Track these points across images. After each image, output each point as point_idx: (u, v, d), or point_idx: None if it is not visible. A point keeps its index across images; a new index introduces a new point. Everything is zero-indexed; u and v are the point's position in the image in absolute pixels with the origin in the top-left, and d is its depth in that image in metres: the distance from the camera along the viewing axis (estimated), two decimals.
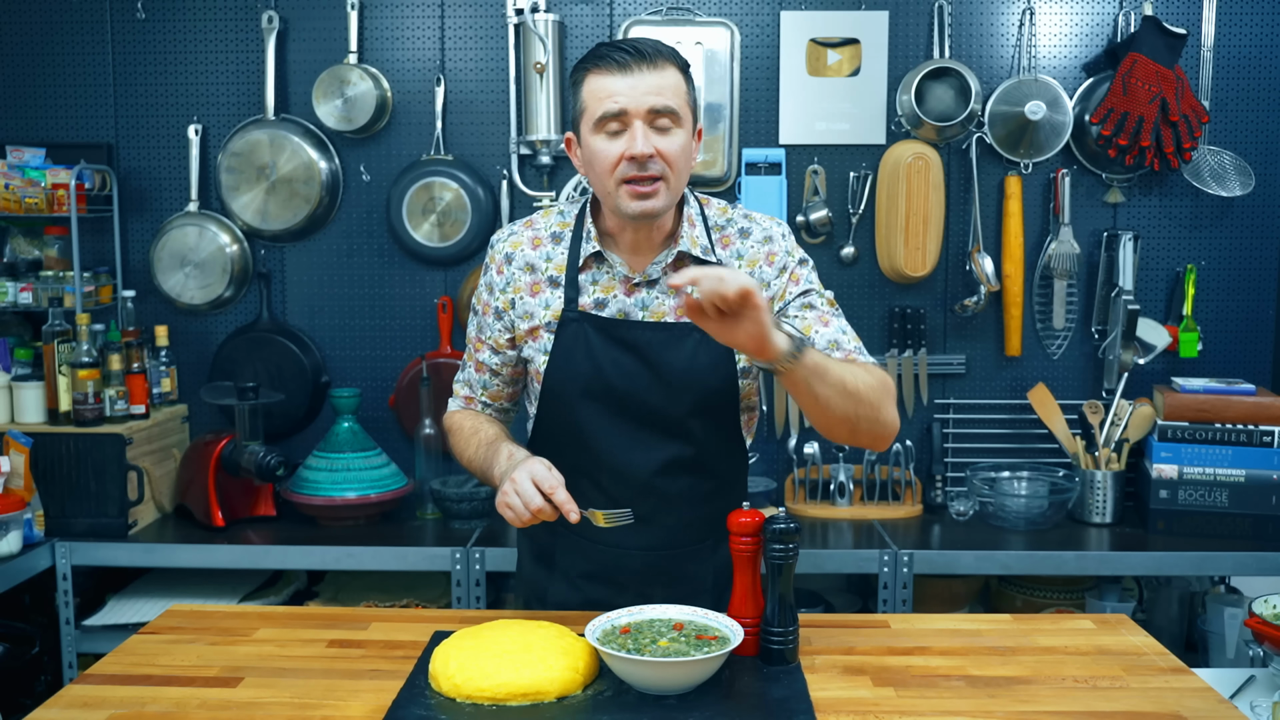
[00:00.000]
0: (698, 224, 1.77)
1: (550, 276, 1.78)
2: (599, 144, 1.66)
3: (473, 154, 3.07)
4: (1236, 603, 2.80)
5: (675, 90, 1.65)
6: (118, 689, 1.52)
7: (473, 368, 1.89)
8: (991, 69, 3.02)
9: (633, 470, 1.76)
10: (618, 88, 1.63)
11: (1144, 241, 3.06)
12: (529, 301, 1.78)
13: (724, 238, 1.78)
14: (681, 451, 1.76)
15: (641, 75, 1.63)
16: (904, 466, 2.99)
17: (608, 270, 1.76)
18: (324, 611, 1.91)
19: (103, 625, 2.74)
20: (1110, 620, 1.79)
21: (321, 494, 2.85)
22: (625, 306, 1.75)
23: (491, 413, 1.91)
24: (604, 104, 1.63)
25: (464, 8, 3.04)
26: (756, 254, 1.77)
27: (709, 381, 1.74)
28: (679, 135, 1.65)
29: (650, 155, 1.63)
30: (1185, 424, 2.81)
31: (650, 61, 1.63)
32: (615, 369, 1.73)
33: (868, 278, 3.08)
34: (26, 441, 2.69)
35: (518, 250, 1.81)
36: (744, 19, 3.02)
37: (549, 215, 1.83)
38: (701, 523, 1.81)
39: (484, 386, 1.89)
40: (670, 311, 1.74)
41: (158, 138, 3.11)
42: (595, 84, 1.65)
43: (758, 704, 1.46)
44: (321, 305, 3.14)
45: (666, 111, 1.63)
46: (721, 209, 1.82)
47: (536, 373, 1.79)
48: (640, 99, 1.62)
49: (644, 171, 1.64)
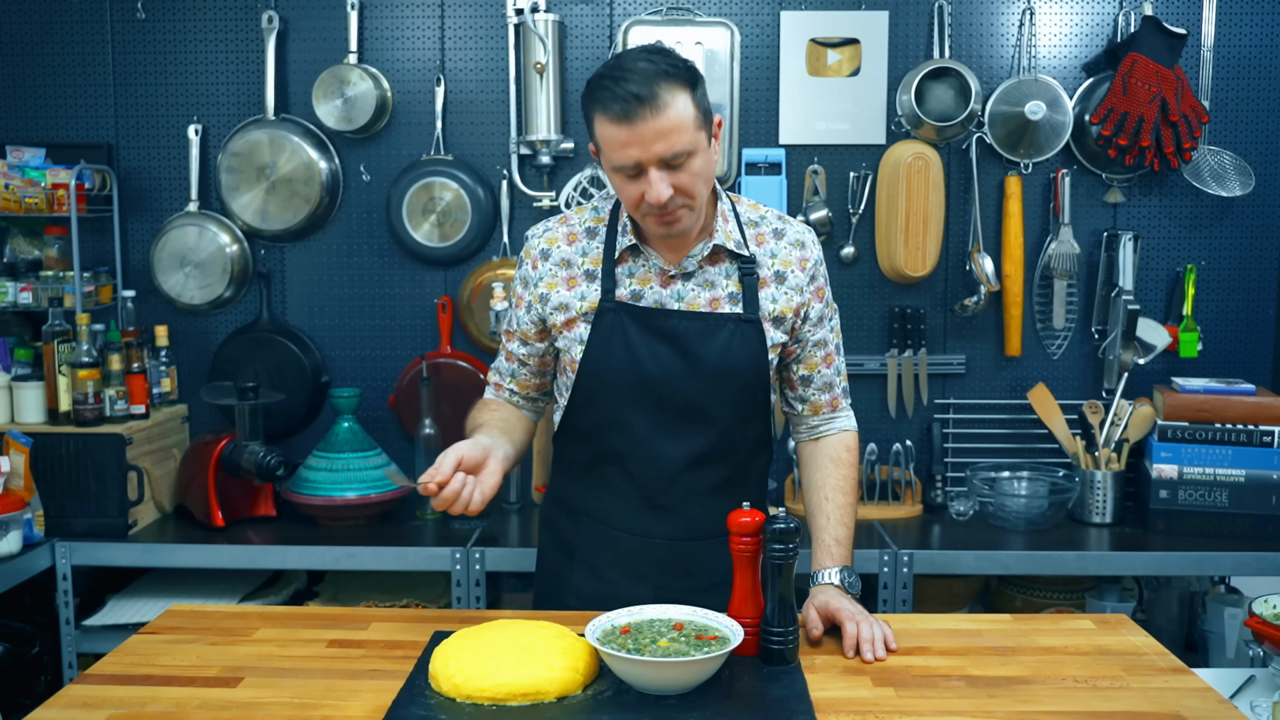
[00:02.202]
0: (731, 219, 1.81)
1: (587, 270, 1.81)
2: (619, 182, 1.70)
3: (473, 154, 3.07)
4: (1236, 603, 2.80)
5: (681, 125, 1.63)
6: (118, 689, 1.52)
7: (503, 356, 1.94)
8: (991, 69, 3.02)
9: (663, 459, 1.80)
10: (625, 139, 1.63)
11: (1144, 241, 3.06)
12: (564, 294, 1.81)
13: (759, 235, 1.83)
14: (710, 443, 1.80)
15: (646, 123, 1.61)
16: (904, 466, 2.98)
17: (643, 263, 1.80)
18: (324, 611, 1.91)
19: (103, 625, 2.74)
20: (1110, 620, 1.79)
21: (321, 494, 2.85)
22: (661, 298, 1.78)
23: (519, 400, 1.95)
24: (617, 155, 1.65)
25: (464, 8, 3.04)
26: (790, 256, 1.82)
27: (743, 373, 1.79)
28: (695, 162, 1.67)
29: (669, 197, 1.65)
30: (1185, 424, 2.81)
31: (651, 104, 1.60)
32: (652, 358, 1.76)
33: (868, 278, 3.08)
34: (26, 441, 2.69)
35: (554, 246, 1.84)
36: (744, 19, 3.02)
37: (583, 212, 1.87)
38: (724, 515, 1.82)
39: (513, 375, 1.93)
40: (705, 303, 1.78)
41: (158, 138, 3.11)
42: (605, 131, 1.65)
43: (758, 704, 1.46)
44: (321, 305, 3.14)
45: (677, 157, 1.64)
46: (752, 205, 1.87)
47: (572, 363, 1.81)
48: (649, 149, 1.63)
49: (665, 210, 1.67)
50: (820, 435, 1.92)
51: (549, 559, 1.97)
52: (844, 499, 1.85)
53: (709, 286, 1.78)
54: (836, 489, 1.86)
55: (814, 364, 1.87)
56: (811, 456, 1.91)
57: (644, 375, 1.77)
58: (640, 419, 1.79)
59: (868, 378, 3.08)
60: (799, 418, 1.93)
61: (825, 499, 1.85)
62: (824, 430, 1.92)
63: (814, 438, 1.92)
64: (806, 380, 1.88)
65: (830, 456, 1.89)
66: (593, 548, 1.87)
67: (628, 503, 1.82)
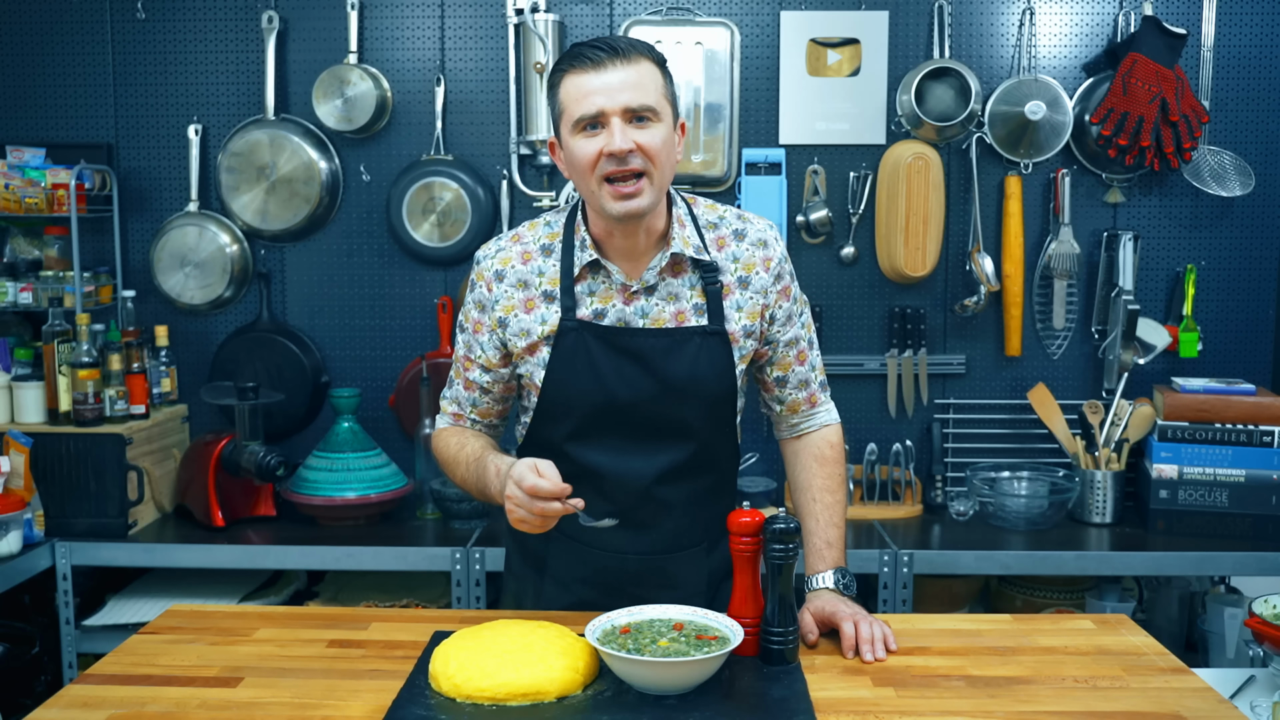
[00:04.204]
0: (688, 224, 1.75)
1: (545, 291, 1.74)
2: (578, 144, 1.64)
3: (473, 154, 3.07)
4: (1236, 603, 2.80)
5: (652, 85, 1.64)
6: (118, 689, 1.52)
7: (461, 385, 1.84)
8: (991, 69, 3.02)
9: (633, 477, 1.75)
10: (593, 86, 1.62)
11: (1144, 241, 3.06)
12: (524, 318, 1.75)
13: (719, 239, 1.76)
14: (680, 457, 1.76)
15: (615, 71, 1.61)
16: (904, 466, 2.98)
17: (604, 280, 1.73)
18: (324, 611, 1.91)
19: (103, 625, 2.74)
20: (1110, 620, 1.79)
21: (321, 494, 2.85)
22: (625, 315, 1.73)
23: (482, 428, 1.87)
24: (581, 105, 1.62)
25: (464, 8, 3.04)
26: (752, 257, 1.76)
27: (711, 386, 1.74)
28: (658, 129, 1.64)
29: (630, 150, 1.61)
30: (1185, 424, 2.81)
31: (624, 56, 1.62)
32: (618, 377, 1.72)
33: (868, 278, 3.08)
34: (26, 441, 2.69)
35: (508, 266, 1.76)
36: (744, 19, 3.02)
37: (535, 228, 1.80)
38: (697, 526, 1.81)
39: (473, 404, 1.84)
40: (670, 318, 1.73)
41: (158, 138, 3.11)
42: (571, 85, 1.64)
43: (758, 704, 1.46)
44: (321, 305, 3.14)
45: (643, 109, 1.62)
46: (710, 206, 1.81)
47: (534, 386, 1.76)
48: (615, 97, 1.61)
49: (624, 166, 1.62)
50: (802, 433, 1.88)
51: (517, 569, 1.93)
52: (831, 498, 1.82)
53: (673, 300, 1.73)
54: (823, 489, 1.83)
55: (788, 363, 1.83)
56: (796, 455, 1.88)
57: (611, 396, 1.72)
58: (610, 438, 1.75)
59: (868, 378, 3.08)
60: (779, 417, 1.89)
61: (813, 500, 1.82)
62: (805, 427, 1.88)
63: (796, 435, 1.89)
64: (782, 381, 1.84)
65: (814, 455, 1.86)
66: (564, 561, 1.83)
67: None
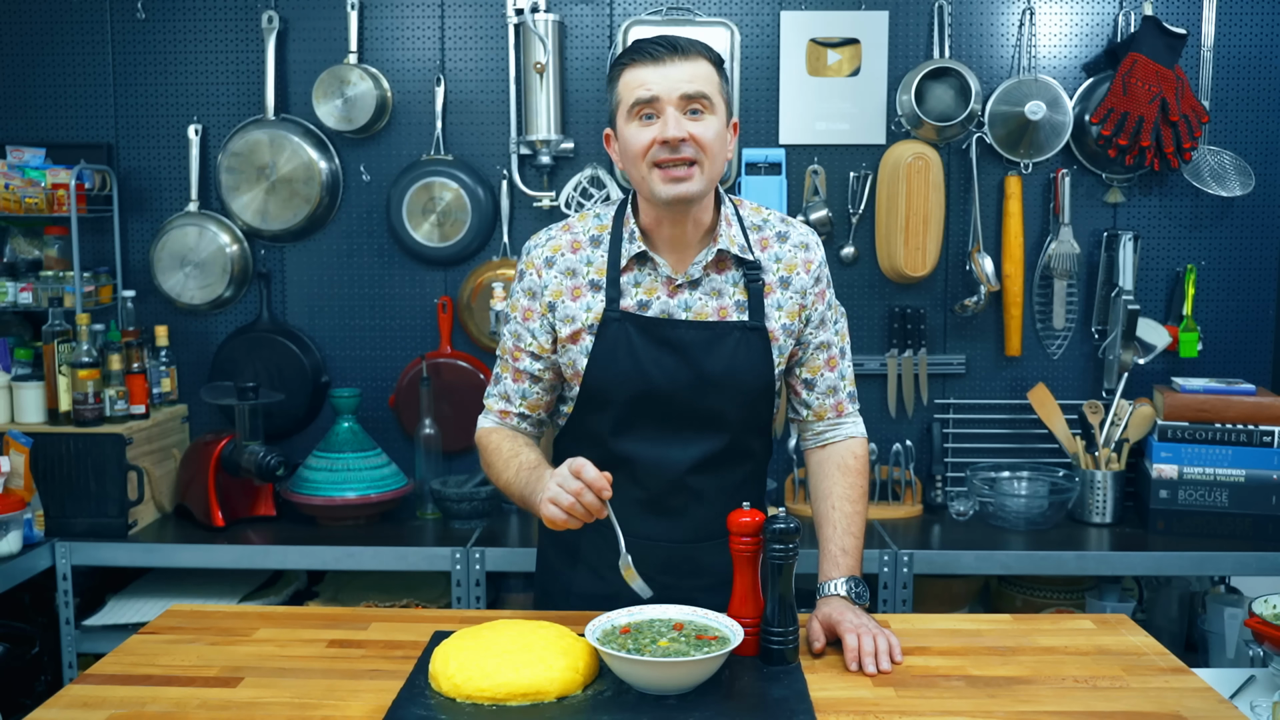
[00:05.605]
0: (734, 223, 1.80)
1: (591, 280, 1.79)
2: (633, 131, 1.70)
3: (473, 154, 3.07)
4: (1236, 603, 2.80)
5: (707, 79, 1.70)
6: (118, 689, 1.53)
7: (510, 379, 1.86)
8: (991, 69, 3.02)
9: (667, 465, 1.79)
10: (650, 77, 1.68)
11: (1144, 241, 3.06)
12: (570, 305, 1.79)
13: (763, 239, 1.81)
14: (714, 447, 1.80)
15: (674, 65, 1.68)
16: (904, 466, 2.99)
17: (650, 272, 1.78)
18: (324, 611, 1.91)
19: (103, 625, 2.74)
20: (1110, 620, 1.79)
21: (321, 494, 2.85)
22: (669, 308, 1.77)
23: (528, 426, 1.88)
24: (636, 92, 1.68)
25: (464, 8, 3.04)
26: (794, 259, 1.81)
27: (748, 380, 1.78)
28: (712, 122, 1.69)
29: (683, 139, 1.66)
30: (1185, 424, 2.81)
31: (683, 53, 1.69)
32: (657, 368, 1.75)
33: (868, 278, 3.08)
34: (26, 441, 2.69)
35: (558, 254, 1.81)
36: (744, 19, 3.02)
37: (585, 219, 1.84)
38: (726, 517, 1.83)
39: (524, 396, 1.85)
40: (713, 312, 1.77)
41: (158, 138, 3.11)
42: (629, 76, 1.70)
43: (758, 704, 1.46)
44: (321, 305, 3.14)
45: (698, 97, 1.68)
46: (755, 209, 1.86)
47: (576, 375, 1.80)
48: (672, 86, 1.67)
49: (677, 155, 1.67)
50: (827, 442, 1.89)
51: (549, 559, 1.97)
52: (851, 507, 1.83)
53: (716, 295, 1.78)
54: (844, 497, 1.83)
55: (817, 367, 1.85)
56: (819, 464, 1.89)
57: (651, 385, 1.76)
58: (647, 427, 1.79)
59: (868, 378, 3.08)
60: (805, 424, 1.90)
61: (832, 507, 1.83)
62: (830, 437, 1.89)
63: (820, 444, 1.89)
64: (810, 384, 1.86)
65: (838, 464, 1.86)
66: (596, 550, 1.86)
67: (633, 507, 1.81)
